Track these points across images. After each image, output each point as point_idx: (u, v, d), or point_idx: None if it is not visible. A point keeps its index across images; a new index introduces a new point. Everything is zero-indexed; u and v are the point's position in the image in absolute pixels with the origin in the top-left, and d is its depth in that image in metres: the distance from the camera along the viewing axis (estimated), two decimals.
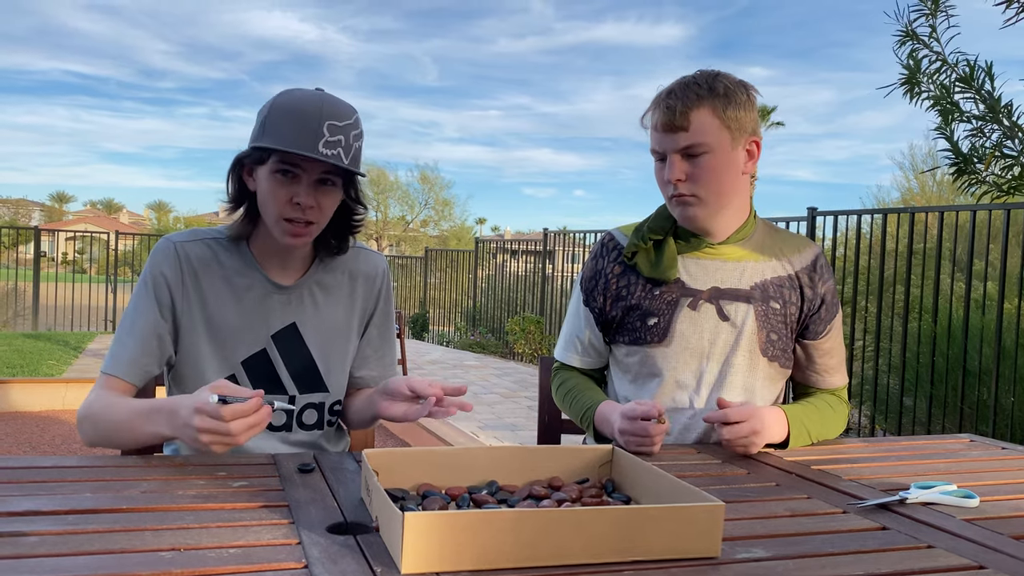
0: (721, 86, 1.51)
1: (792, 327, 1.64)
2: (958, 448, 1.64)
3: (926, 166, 16.90)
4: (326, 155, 1.33)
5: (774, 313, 1.61)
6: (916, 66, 4.68)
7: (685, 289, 1.60)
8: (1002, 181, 4.60)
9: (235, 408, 1.14)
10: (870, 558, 0.96)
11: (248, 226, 1.49)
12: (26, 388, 6.39)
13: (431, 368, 8.65)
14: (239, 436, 1.14)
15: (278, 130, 1.35)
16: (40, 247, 11.93)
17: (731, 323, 1.60)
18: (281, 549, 0.89)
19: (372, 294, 1.61)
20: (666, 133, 1.52)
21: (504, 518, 0.86)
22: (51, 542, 0.88)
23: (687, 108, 1.49)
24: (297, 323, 1.51)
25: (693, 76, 1.54)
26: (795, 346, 1.67)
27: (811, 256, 1.66)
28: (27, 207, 63.80)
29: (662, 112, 1.51)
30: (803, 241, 1.70)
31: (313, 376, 1.54)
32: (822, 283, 1.65)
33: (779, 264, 1.64)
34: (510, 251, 12.75)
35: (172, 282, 1.45)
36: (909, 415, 5.07)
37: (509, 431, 5.42)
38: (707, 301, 1.60)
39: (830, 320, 1.66)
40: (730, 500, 1.16)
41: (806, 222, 5.92)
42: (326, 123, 1.34)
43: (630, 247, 1.63)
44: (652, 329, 1.61)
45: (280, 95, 1.40)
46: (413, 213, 36.58)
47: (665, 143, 1.53)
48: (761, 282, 1.61)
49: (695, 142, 1.50)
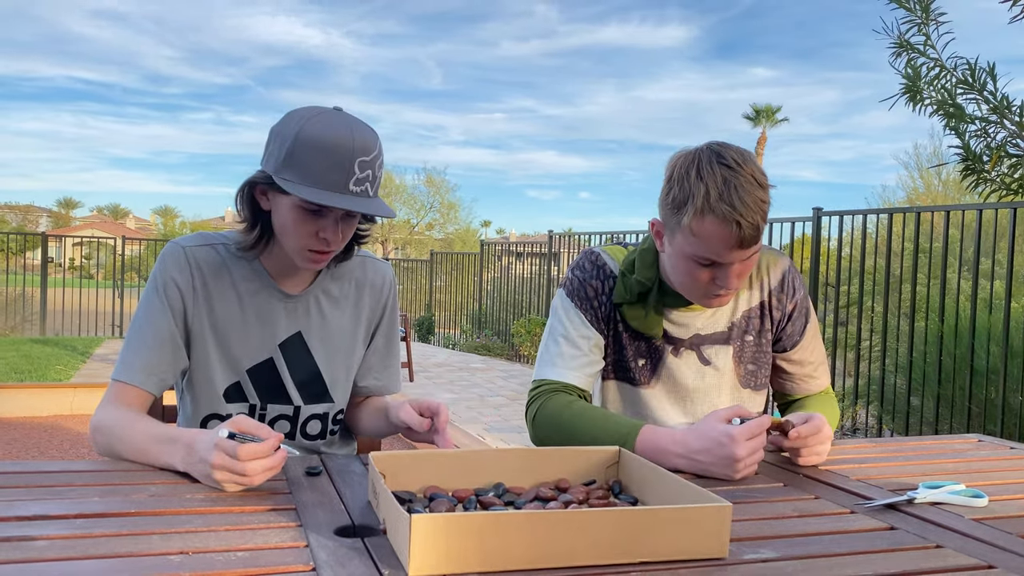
0: (762, 175, 1.39)
1: (767, 351, 1.64)
2: (966, 448, 1.63)
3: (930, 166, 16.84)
4: (356, 192, 1.31)
5: (749, 346, 1.62)
6: (916, 75, 4.67)
7: (668, 338, 1.59)
8: (1009, 180, 4.59)
9: (252, 448, 1.08)
10: (878, 558, 0.95)
11: (262, 244, 1.44)
12: (34, 393, 6.42)
13: (437, 371, 8.66)
14: (254, 477, 1.09)
15: (307, 168, 1.29)
16: (47, 253, 11.97)
17: (712, 366, 1.60)
18: (289, 552, 0.89)
19: (379, 304, 1.60)
20: (743, 249, 1.38)
21: (511, 520, 0.86)
22: (60, 546, 0.88)
23: (763, 220, 1.37)
24: (303, 332, 1.50)
25: (742, 177, 1.36)
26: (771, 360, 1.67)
27: (779, 274, 1.62)
28: (34, 213, 64.09)
29: (745, 231, 1.35)
30: (772, 257, 1.64)
31: (319, 386, 1.52)
32: (789, 300, 1.62)
33: (751, 293, 1.62)
34: (515, 253, 12.75)
35: (183, 287, 1.42)
36: (916, 415, 5.05)
37: (516, 433, 5.42)
38: (689, 348, 1.59)
39: (798, 334, 1.64)
40: (737, 501, 1.16)
41: (811, 223, 5.91)
42: (357, 160, 1.30)
43: (619, 296, 1.56)
44: (641, 369, 1.60)
45: (307, 125, 1.30)
46: (419, 216, 36.62)
47: (735, 256, 1.39)
48: (737, 319, 1.61)
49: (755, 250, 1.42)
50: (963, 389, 4.69)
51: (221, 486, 1.10)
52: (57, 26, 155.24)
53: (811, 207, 5.88)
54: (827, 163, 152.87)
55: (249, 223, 1.42)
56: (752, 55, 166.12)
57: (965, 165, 4.74)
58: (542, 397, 1.53)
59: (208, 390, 1.46)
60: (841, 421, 5.78)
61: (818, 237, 5.87)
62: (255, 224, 1.42)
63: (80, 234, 32.54)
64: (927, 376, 4.96)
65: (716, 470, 1.27)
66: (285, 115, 1.37)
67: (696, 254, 1.40)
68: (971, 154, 4.69)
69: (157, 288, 1.42)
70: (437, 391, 7.25)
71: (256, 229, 1.42)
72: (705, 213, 1.35)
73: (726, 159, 1.37)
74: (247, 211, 1.41)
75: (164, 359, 1.41)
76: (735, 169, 1.36)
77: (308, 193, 1.28)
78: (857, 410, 5.72)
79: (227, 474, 1.09)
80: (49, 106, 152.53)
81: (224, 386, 1.47)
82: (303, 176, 1.29)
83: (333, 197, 1.29)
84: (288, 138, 1.31)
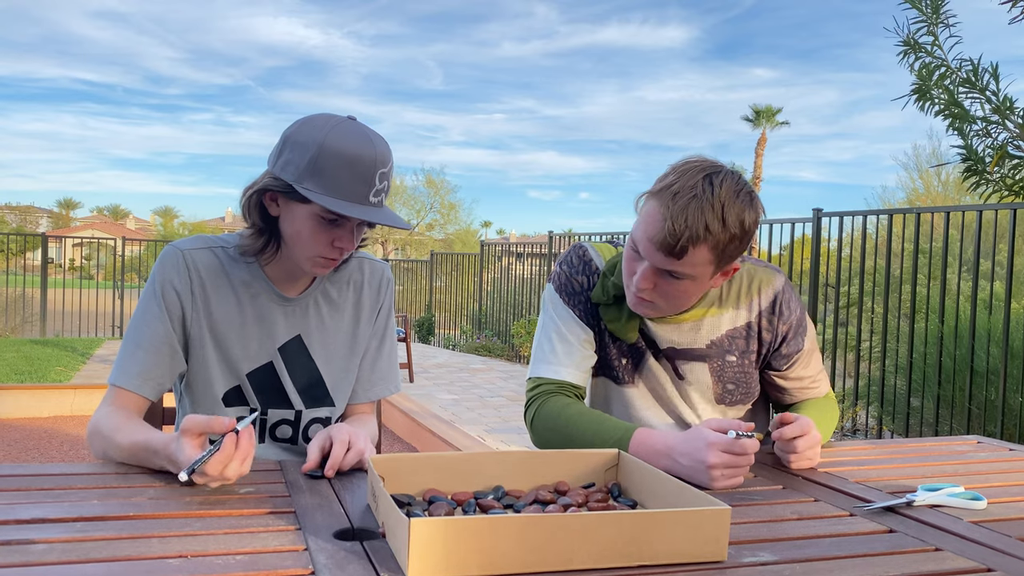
0: (733, 220, 1.33)
1: (751, 371, 1.60)
2: (965, 450, 1.63)
3: (931, 166, 16.85)
4: (374, 203, 1.34)
5: (730, 366, 1.58)
6: (928, 74, 4.68)
7: (647, 340, 1.57)
8: (1011, 182, 4.59)
9: (215, 460, 1.09)
10: (877, 561, 0.95)
11: (268, 250, 1.43)
12: (34, 394, 6.42)
13: (437, 372, 8.66)
14: (233, 477, 1.11)
15: (333, 178, 1.30)
16: (47, 253, 11.97)
17: (686, 381, 1.57)
18: (288, 555, 0.89)
19: (376, 304, 1.59)
20: (658, 252, 1.35)
21: (510, 523, 0.86)
22: (59, 549, 0.88)
23: (690, 244, 1.32)
24: (303, 335, 1.50)
25: (709, 198, 1.32)
26: (763, 377, 1.64)
27: (771, 295, 1.56)
28: (34, 214, 64.13)
29: (665, 234, 1.32)
30: (765, 275, 1.57)
31: (320, 390, 1.52)
32: (782, 323, 1.56)
33: (737, 312, 1.56)
34: (515, 254, 12.75)
35: (182, 291, 1.41)
36: (916, 416, 5.05)
37: (516, 434, 5.42)
38: (664, 359, 1.57)
39: (793, 354, 1.58)
40: (736, 504, 1.16)
41: (812, 223, 5.92)
42: (378, 172, 1.32)
43: (597, 296, 1.56)
44: (624, 368, 1.59)
45: (331, 136, 1.30)
46: (419, 217, 36.63)
47: (651, 257, 1.37)
48: (718, 338, 1.55)
49: (680, 272, 1.37)
50: (963, 390, 4.69)
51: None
52: (59, 27, 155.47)
53: (811, 208, 5.90)
54: (827, 164, 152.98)
55: (257, 228, 1.41)
56: (752, 56, 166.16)
57: (967, 166, 4.74)
58: (539, 399, 1.53)
59: (207, 394, 1.46)
60: (841, 422, 5.78)
61: (818, 238, 5.88)
62: (263, 230, 1.41)
63: (80, 235, 32.57)
64: (927, 377, 4.96)
65: (692, 475, 1.27)
66: (300, 122, 1.35)
67: (631, 234, 1.41)
68: (973, 154, 4.70)
69: (155, 292, 1.41)
70: (437, 392, 7.25)
71: (264, 235, 1.41)
72: (653, 197, 1.36)
73: (714, 178, 1.34)
74: (255, 216, 1.40)
75: (161, 364, 1.40)
76: (711, 188, 1.32)
77: (335, 204, 1.29)
78: (857, 411, 5.72)
79: (214, 481, 1.12)
80: (50, 107, 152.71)
81: (223, 390, 1.46)
82: (327, 187, 1.30)
83: (357, 208, 1.31)
84: (310, 147, 1.30)
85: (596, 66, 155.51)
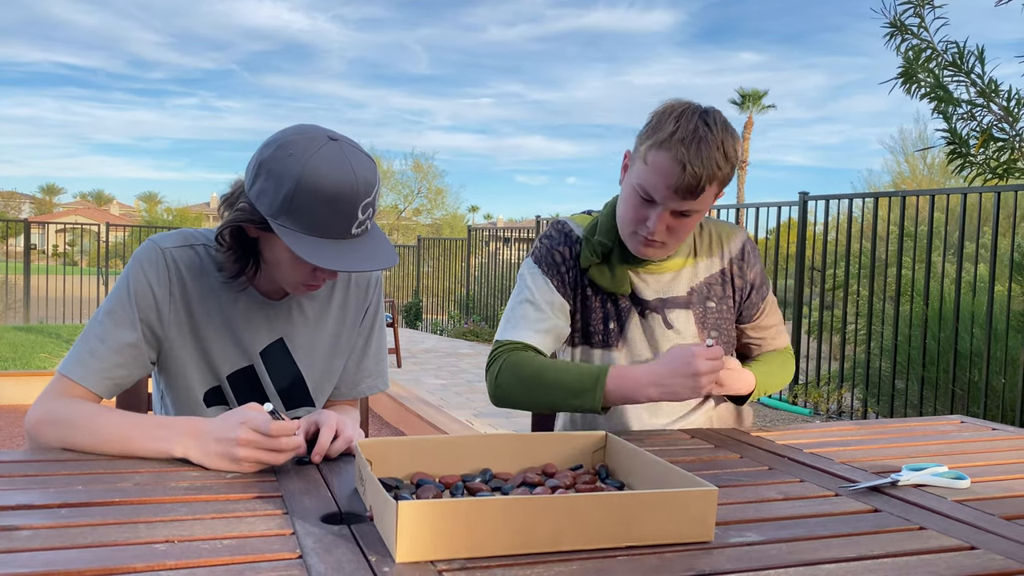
0: (732, 153, 1.47)
1: (730, 319, 1.71)
2: (949, 430, 1.65)
3: (916, 150, 16.91)
4: (356, 234, 1.25)
5: (711, 312, 1.67)
6: (916, 57, 4.69)
7: (636, 299, 1.64)
8: (995, 164, 4.62)
9: (284, 425, 1.10)
10: (862, 540, 0.96)
11: (247, 272, 1.35)
12: (19, 381, 6.38)
13: (425, 356, 8.66)
14: (284, 454, 1.11)
15: (310, 217, 1.20)
16: (30, 240, 11.86)
17: (675, 330, 1.65)
18: (275, 539, 0.89)
19: (363, 304, 1.54)
20: (676, 195, 1.45)
21: (498, 505, 0.86)
22: (44, 536, 0.87)
23: (707, 183, 1.44)
24: (285, 338, 1.45)
25: (712, 138, 1.43)
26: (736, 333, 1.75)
27: (739, 243, 1.70)
28: (16, 200, 63.43)
29: (687, 177, 1.42)
30: (730, 229, 1.73)
31: (300, 392, 1.49)
32: (750, 269, 1.70)
33: (711, 261, 1.68)
34: (503, 239, 12.74)
35: (158, 292, 1.34)
36: (901, 398, 5.10)
37: (503, 418, 5.43)
38: (654, 311, 1.64)
39: (760, 302, 1.73)
40: (723, 484, 1.17)
41: (798, 207, 5.94)
42: (361, 204, 1.22)
43: (586, 259, 1.61)
44: (610, 332, 1.64)
45: (308, 168, 1.19)
46: (406, 202, 36.49)
47: (669, 202, 1.46)
48: (697, 285, 1.67)
49: (693, 208, 1.48)
50: (947, 372, 4.73)
51: (239, 467, 1.12)
52: (41, 11, 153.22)
53: (797, 191, 5.92)
54: (814, 147, 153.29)
55: (235, 254, 1.32)
56: (739, 40, 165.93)
57: (952, 149, 4.77)
58: (504, 355, 1.55)
59: (187, 395, 1.42)
60: (827, 404, 5.83)
61: (804, 221, 5.90)
62: (243, 255, 1.33)
63: (63, 221, 32.26)
64: (912, 359, 5.00)
65: (683, 390, 1.39)
66: (276, 146, 1.23)
67: (640, 184, 1.49)
68: (958, 137, 4.72)
69: (129, 290, 1.34)
70: (425, 377, 7.25)
71: (242, 260, 1.34)
72: (662, 147, 1.44)
73: (708, 119, 1.46)
74: (232, 241, 1.31)
75: (123, 367, 1.33)
76: (710, 129, 1.44)
77: (310, 251, 1.20)
78: (842, 393, 5.77)
79: (253, 451, 1.11)
80: (32, 91, 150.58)
81: (203, 391, 1.42)
82: (304, 225, 1.21)
83: (333, 250, 1.22)
84: (286, 181, 1.20)
85: (583, 50, 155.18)
